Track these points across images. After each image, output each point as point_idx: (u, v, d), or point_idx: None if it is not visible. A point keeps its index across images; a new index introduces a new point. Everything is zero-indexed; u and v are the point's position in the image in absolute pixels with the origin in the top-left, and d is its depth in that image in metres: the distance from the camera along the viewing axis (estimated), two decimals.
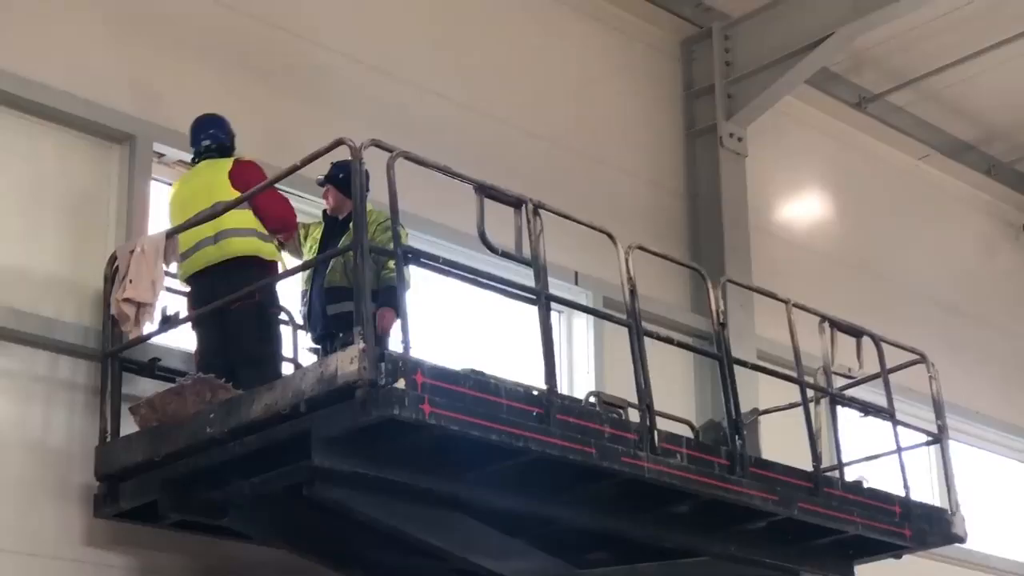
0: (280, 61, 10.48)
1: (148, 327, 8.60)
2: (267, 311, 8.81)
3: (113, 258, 8.76)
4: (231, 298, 8.33)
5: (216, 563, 9.01)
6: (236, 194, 8.62)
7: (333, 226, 9.25)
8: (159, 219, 9.30)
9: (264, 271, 8.73)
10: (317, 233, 9.35)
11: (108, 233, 9.19)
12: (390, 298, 8.59)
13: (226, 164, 8.89)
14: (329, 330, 9.00)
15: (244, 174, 8.79)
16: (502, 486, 8.11)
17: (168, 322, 8.67)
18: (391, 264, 8.64)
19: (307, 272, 9.16)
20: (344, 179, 8.75)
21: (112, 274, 8.70)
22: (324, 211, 9.41)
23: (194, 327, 8.87)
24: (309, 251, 9.29)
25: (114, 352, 8.71)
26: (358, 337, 7.16)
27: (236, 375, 8.36)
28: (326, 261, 8.97)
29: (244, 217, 8.72)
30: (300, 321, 9.39)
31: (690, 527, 9.17)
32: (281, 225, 8.87)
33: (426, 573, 8.55)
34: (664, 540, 9.14)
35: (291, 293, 9.37)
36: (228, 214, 8.59)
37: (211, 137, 9.07)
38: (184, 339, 9.13)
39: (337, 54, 10.85)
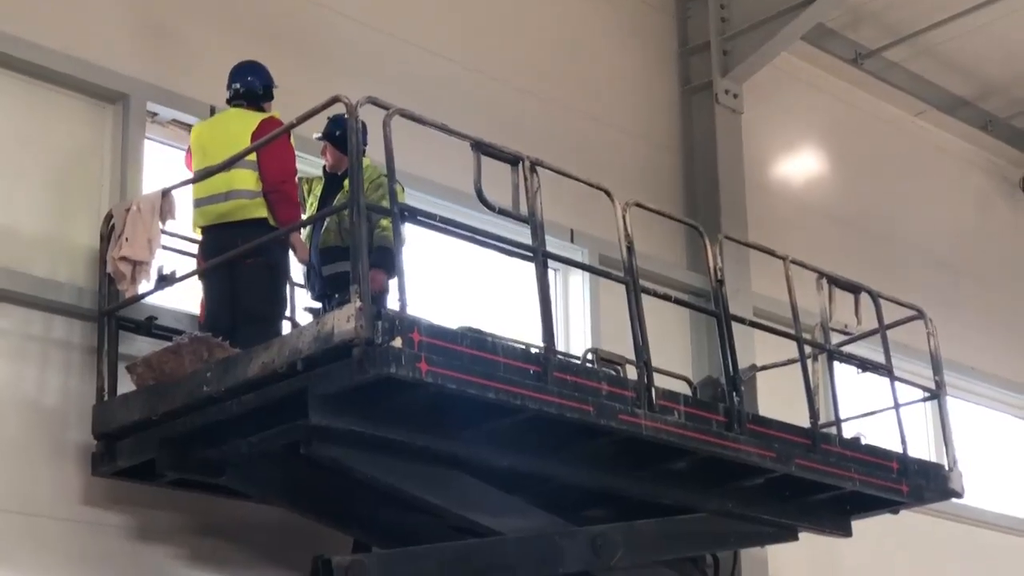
0: (278, 19, 10.42)
1: (144, 285, 8.59)
2: (278, 271, 8.78)
3: (109, 216, 8.74)
4: (240, 250, 8.28)
5: (214, 521, 9.02)
6: (254, 153, 8.57)
7: (332, 183, 9.21)
8: (153, 178, 9.27)
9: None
10: (318, 190, 9.31)
11: (102, 192, 9.15)
12: (381, 259, 8.56)
13: (254, 121, 8.78)
14: (325, 291, 8.98)
15: (265, 134, 8.65)
16: (499, 444, 8.11)
17: (165, 280, 8.64)
18: (384, 223, 8.66)
19: (306, 230, 9.14)
20: (341, 136, 8.72)
21: (108, 232, 8.68)
22: (324, 168, 9.38)
23: (202, 280, 8.84)
24: (310, 207, 9.26)
25: (110, 311, 8.69)
26: (355, 296, 7.15)
27: (237, 331, 8.34)
28: (323, 220, 8.95)
29: (256, 179, 8.67)
30: (300, 280, 9.37)
31: (688, 484, 9.19)
32: (271, 187, 8.72)
33: (424, 531, 8.56)
34: (662, 497, 9.16)
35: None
36: (242, 174, 8.57)
37: (243, 82, 8.98)
38: (181, 298, 9.11)
39: (336, 13, 10.78)
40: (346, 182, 8.29)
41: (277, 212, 8.66)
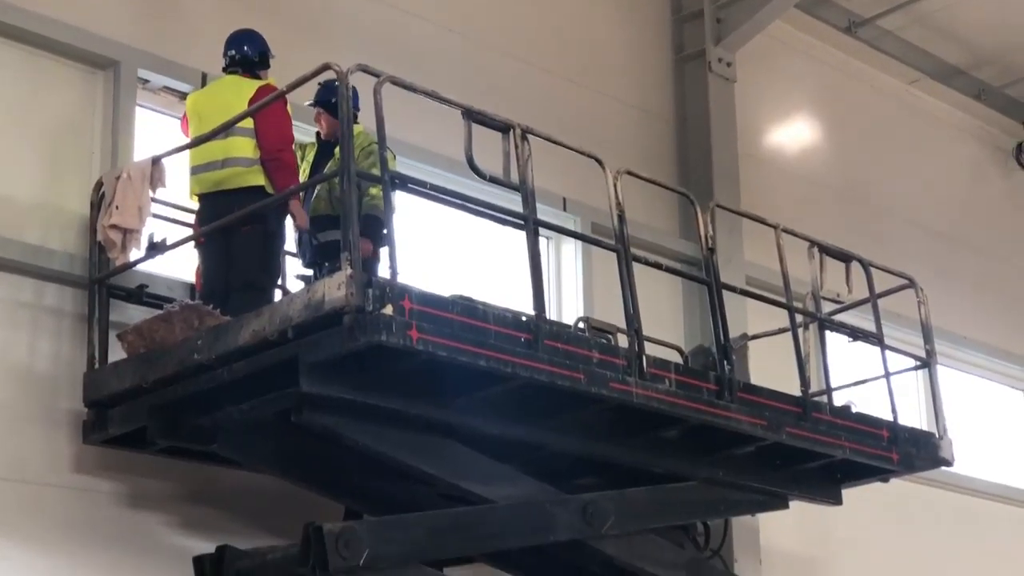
0: None
1: (135, 253, 8.58)
2: (273, 239, 8.76)
3: (99, 184, 8.72)
4: (237, 216, 8.27)
5: (205, 489, 9.03)
6: (250, 121, 8.54)
7: (325, 150, 9.19)
8: (144, 145, 9.24)
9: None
10: (311, 156, 9.30)
11: (93, 160, 9.13)
12: (368, 227, 8.40)
13: (250, 89, 8.73)
14: (316, 259, 8.97)
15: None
16: (491, 412, 8.13)
17: (155, 248, 8.63)
18: (373, 191, 8.64)
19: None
20: (336, 103, 8.70)
21: (98, 200, 8.66)
22: (317, 135, 9.36)
23: (198, 248, 8.83)
24: (303, 174, 9.24)
25: (101, 279, 8.68)
26: (345, 263, 7.14)
27: (230, 299, 8.34)
28: (314, 187, 8.94)
29: (253, 147, 8.64)
30: (292, 248, 9.36)
31: (679, 452, 9.21)
32: (269, 155, 8.69)
33: (415, 499, 8.58)
34: (653, 465, 9.19)
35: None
36: (239, 141, 8.55)
37: (238, 50, 8.94)
38: (172, 266, 9.10)
39: None
40: (337, 149, 8.28)
41: (275, 180, 8.63)
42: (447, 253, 10.92)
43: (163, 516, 8.91)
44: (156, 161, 8.61)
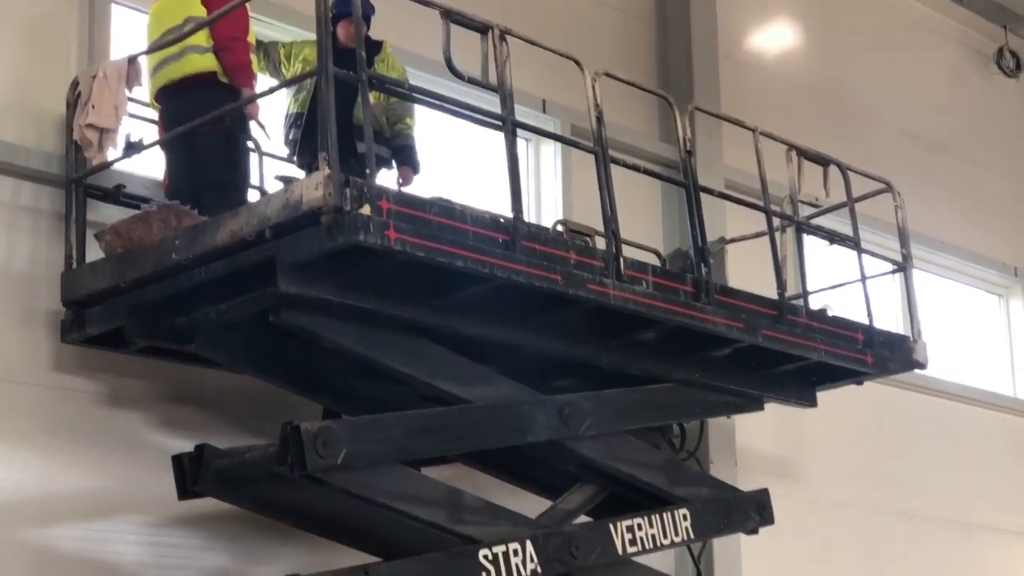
0: None
1: (112, 153, 8.54)
2: (236, 137, 8.72)
3: (75, 83, 8.66)
4: (199, 122, 8.23)
5: (184, 389, 9.07)
6: (204, 12, 8.49)
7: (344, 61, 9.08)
8: (121, 44, 9.18)
9: (231, 96, 8.62)
10: (301, 54, 9.20)
11: (70, 58, 9.06)
12: (408, 156, 9.21)
13: None
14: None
15: None
16: (468, 313, 8.15)
17: (132, 148, 8.60)
18: (408, 120, 9.20)
19: (301, 95, 9.09)
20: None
21: (74, 99, 8.60)
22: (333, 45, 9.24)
23: (163, 151, 8.79)
24: (291, 72, 9.17)
25: (78, 178, 8.66)
26: (323, 163, 7.13)
27: (202, 201, 8.32)
28: (297, 84, 8.97)
29: (206, 36, 8.58)
30: (286, 149, 9.30)
31: (655, 354, 9.26)
32: (221, 44, 8.58)
33: (392, 399, 8.61)
34: (630, 367, 9.23)
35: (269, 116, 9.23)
36: (196, 35, 8.47)
37: None
38: (149, 166, 9.07)
39: None
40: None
41: (227, 69, 8.60)
42: (427, 156, 10.87)
43: (142, 415, 8.95)
44: (132, 60, 8.56)
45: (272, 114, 9.28)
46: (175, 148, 8.66)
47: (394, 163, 9.34)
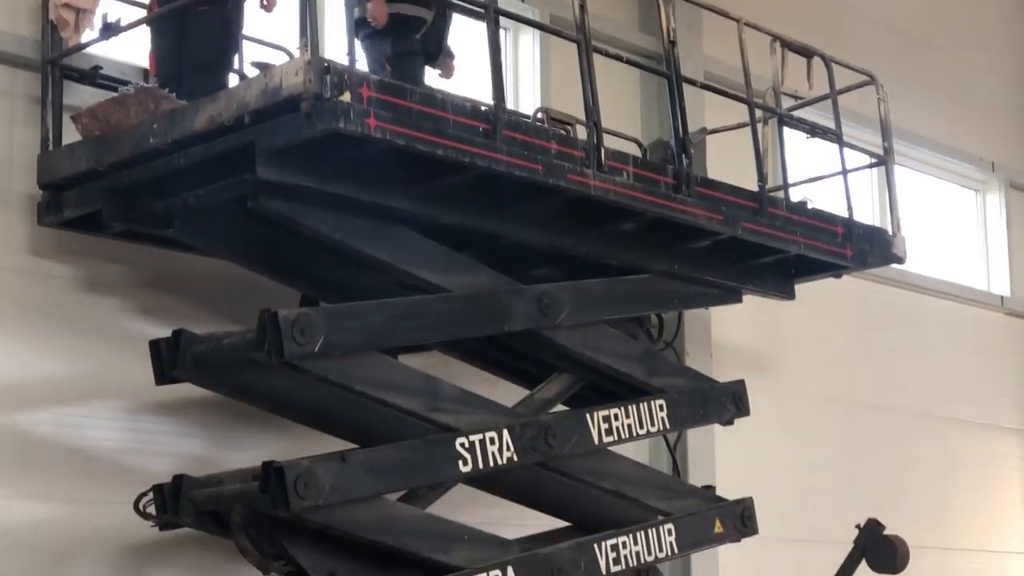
0: None
1: (89, 34, 8.43)
2: (229, 18, 8.58)
3: None
4: None
5: (162, 274, 9.04)
6: None
7: None
8: None
9: None
10: None
11: None
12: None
13: None
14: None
15: None
16: (448, 202, 8.13)
17: (109, 29, 8.47)
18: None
19: None
20: None
21: None
22: None
23: (152, 28, 8.66)
24: None
25: (54, 59, 8.55)
26: (303, 49, 7.05)
27: (183, 81, 8.23)
28: None
29: None
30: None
31: (635, 245, 9.26)
32: None
33: (371, 287, 8.60)
34: (609, 257, 9.23)
35: None
36: None
37: None
38: (127, 48, 8.96)
39: None
40: None
41: None
42: None
43: (119, 301, 8.93)
44: None
45: None
46: (166, 27, 8.50)
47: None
